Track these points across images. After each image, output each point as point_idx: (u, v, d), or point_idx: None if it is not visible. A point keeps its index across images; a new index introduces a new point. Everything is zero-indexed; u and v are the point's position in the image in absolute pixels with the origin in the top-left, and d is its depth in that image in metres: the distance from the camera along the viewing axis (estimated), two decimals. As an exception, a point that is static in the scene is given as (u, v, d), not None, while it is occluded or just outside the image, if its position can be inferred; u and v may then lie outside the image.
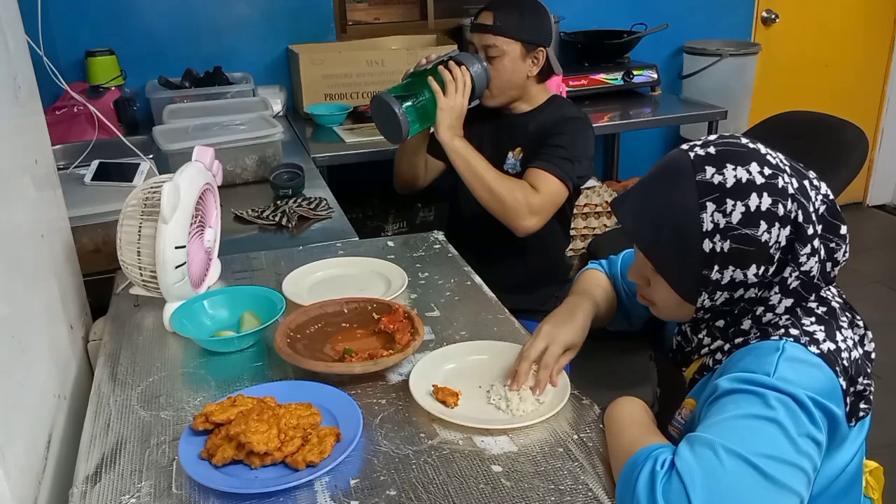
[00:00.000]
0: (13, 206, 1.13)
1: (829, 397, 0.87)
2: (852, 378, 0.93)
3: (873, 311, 3.30)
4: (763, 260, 0.91)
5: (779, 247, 0.91)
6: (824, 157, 2.30)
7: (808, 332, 0.92)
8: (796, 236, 0.91)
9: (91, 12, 2.78)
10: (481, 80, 1.80)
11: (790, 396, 0.84)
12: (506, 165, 1.89)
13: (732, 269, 0.92)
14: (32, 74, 1.38)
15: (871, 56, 4.04)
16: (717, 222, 0.90)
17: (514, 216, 1.73)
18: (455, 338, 1.29)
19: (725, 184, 0.90)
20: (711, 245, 0.91)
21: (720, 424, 0.84)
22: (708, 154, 0.93)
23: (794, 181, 0.92)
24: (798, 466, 0.82)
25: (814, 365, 0.89)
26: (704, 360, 1.01)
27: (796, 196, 0.91)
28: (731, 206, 0.90)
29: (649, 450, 0.87)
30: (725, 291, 0.94)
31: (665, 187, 0.95)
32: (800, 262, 0.91)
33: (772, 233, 0.90)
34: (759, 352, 0.91)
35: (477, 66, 1.79)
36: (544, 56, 1.85)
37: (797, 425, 0.83)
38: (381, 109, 1.77)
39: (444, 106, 1.75)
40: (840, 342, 0.93)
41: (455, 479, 0.95)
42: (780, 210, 0.90)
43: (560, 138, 1.79)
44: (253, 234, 1.82)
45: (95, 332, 1.42)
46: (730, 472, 0.79)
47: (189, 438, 1.00)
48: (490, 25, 1.81)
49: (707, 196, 0.91)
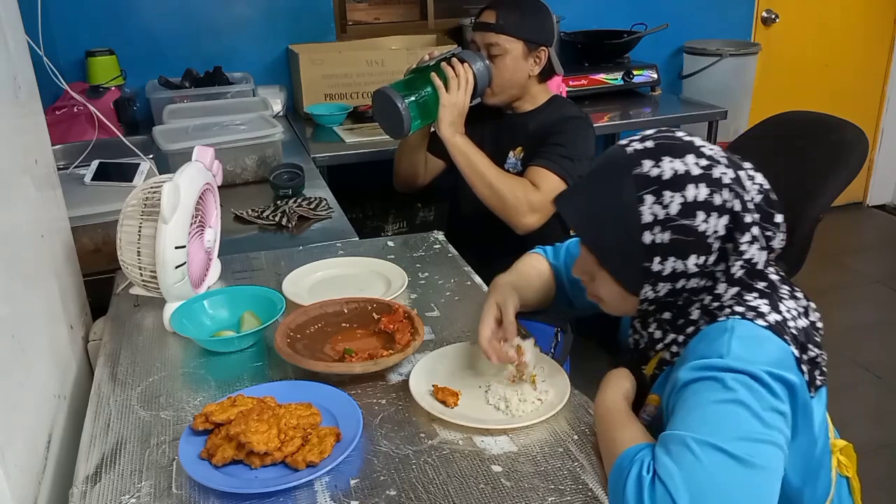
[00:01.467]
0: (13, 206, 1.13)
1: (785, 367, 0.89)
2: (803, 345, 0.95)
3: (873, 311, 3.33)
4: (702, 250, 0.93)
5: (717, 236, 0.93)
6: (824, 157, 2.30)
7: (753, 306, 0.94)
8: (734, 225, 0.93)
9: (91, 12, 2.78)
10: (483, 77, 1.81)
11: (747, 374, 0.85)
12: (507, 164, 1.89)
13: (673, 259, 0.94)
14: (32, 74, 1.38)
15: (871, 56, 4.04)
16: (656, 214, 0.92)
17: (515, 213, 1.74)
18: (455, 338, 1.29)
19: (663, 176, 0.93)
20: (652, 237, 0.93)
21: (687, 417, 0.85)
22: (645, 148, 0.95)
23: (729, 172, 0.95)
24: (770, 442, 0.82)
25: (764, 338, 0.91)
26: (662, 355, 1.03)
27: (732, 186, 0.94)
28: (669, 197, 0.92)
29: (633, 452, 0.87)
30: (668, 283, 0.96)
31: (605, 182, 0.97)
32: (741, 250, 0.94)
33: (709, 222, 0.92)
34: (710, 336, 0.93)
35: (479, 64, 1.80)
36: (546, 56, 1.85)
37: (760, 401, 0.84)
38: (383, 104, 1.77)
39: (446, 102, 1.76)
40: (784, 312, 0.95)
41: (455, 479, 0.95)
42: (717, 200, 0.92)
43: (560, 137, 1.79)
44: (253, 234, 1.82)
45: (95, 332, 1.42)
46: (706, 465, 0.79)
47: (189, 438, 1.00)
48: (492, 24, 1.81)
49: (645, 189, 0.93)
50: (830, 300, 3.39)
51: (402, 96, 1.74)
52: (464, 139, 1.79)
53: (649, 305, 1.00)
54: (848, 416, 2.49)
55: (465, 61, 1.79)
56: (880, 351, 2.96)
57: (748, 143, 2.63)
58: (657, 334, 1.04)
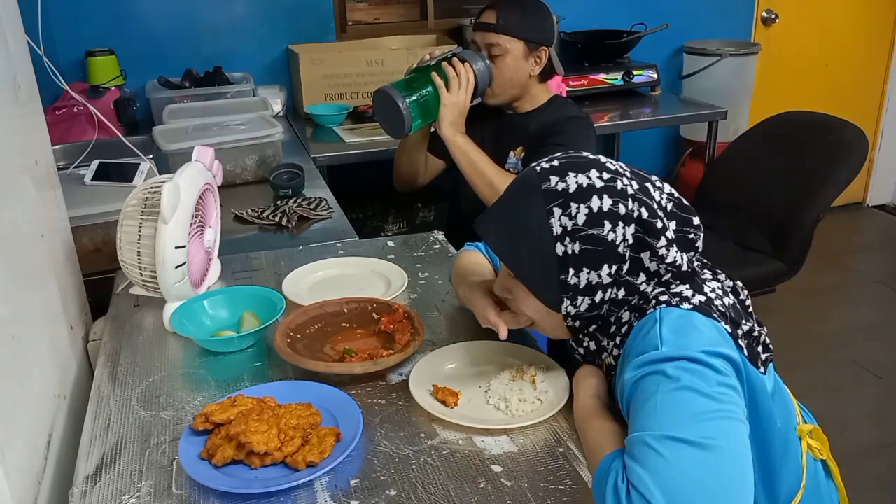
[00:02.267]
0: (13, 206, 1.13)
1: (720, 344, 0.90)
2: (734, 321, 0.96)
3: (873, 311, 3.33)
4: (614, 259, 0.96)
5: (627, 244, 0.96)
6: (824, 157, 2.30)
7: (676, 292, 0.96)
8: (644, 232, 0.96)
9: (91, 12, 2.78)
10: (484, 77, 1.81)
11: (685, 359, 0.86)
12: (507, 164, 1.89)
13: (587, 271, 0.96)
14: (32, 74, 1.38)
15: (871, 56, 4.04)
16: (564, 225, 0.96)
17: None
18: (455, 338, 1.29)
19: (568, 189, 0.97)
20: (563, 248, 0.96)
21: (640, 416, 0.85)
22: (552, 166, 1.00)
23: (633, 183, 0.98)
24: (726, 417, 0.82)
25: (693, 319, 0.92)
26: (607, 362, 1.04)
27: (637, 195, 0.97)
28: (576, 208, 0.96)
29: (609, 461, 0.87)
30: (585, 296, 0.98)
31: (517, 201, 1.02)
32: (660, 255, 0.96)
33: (617, 231, 0.95)
34: (642, 330, 0.94)
35: (480, 64, 1.80)
36: (547, 55, 1.85)
37: (705, 381, 0.85)
38: (383, 103, 1.77)
39: (447, 102, 1.76)
40: (709, 292, 0.97)
41: (455, 479, 0.95)
42: (622, 209, 0.95)
43: (561, 137, 1.80)
44: (253, 234, 1.82)
45: (95, 332, 1.42)
46: (672, 461, 0.79)
47: (189, 438, 1.00)
48: (493, 24, 1.81)
49: (553, 202, 0.97)
50: (830, 300, 3.40)
51: (403, 96, 1.74)
52: (465, 139, 1.79)
53: (573, 322, 1.02)
54: (848, 416, 2.50)
55: (465, 61, 1.79)
56: (880, 351, 2.96)
57: (748, 143, 2.64)
58: (592, 346, 1.06)
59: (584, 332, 1.06)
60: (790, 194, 2.29)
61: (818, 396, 2.25)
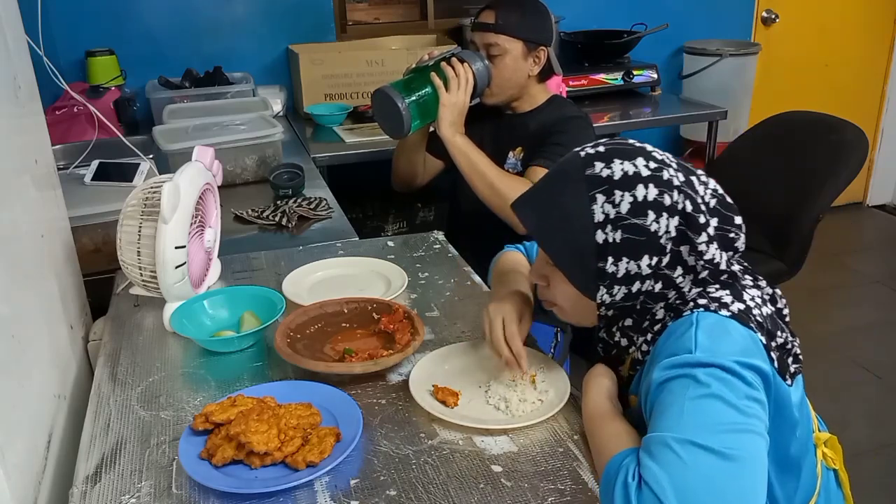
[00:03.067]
0: (13, 206, 1.13)
1: (753, 355, 0.89)
2: (770, 332, 0.95)
3: (873, 311, 3.33)
4: (655, 250, 0.94)
5: (669, 236, 0.94)
6: (824, 157, 2.30)
7: (716, 297, 0.95)
8: (686, 226, 0.94)
9: (91, 12, 2.78)
10: (483, 77, 1.81)
11: (717, 367, 0.85)
12: (506, 165, 1.89)
13: (626, 260, 0.95)
14: (32, 74, 1.38)
15: (871, 56, 4.04)
16: (607, 213, 0.94)
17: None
18: (455, 338, 1.29)
19: (613, 176, 0.95)
20: (604, 236, 0.94)
21: (665, 417, 0.85)
22: (597, 152, 0.98)
23: (679, 175, 0.96)
24: (750, 430, 0.82)
25: (729, 327, 0.91)
26: (634, 355, 1.03)
27: (682, 188, 0.95)
28: (620, 196, 0.94)
29: (620, 459, 0.87)
30: (622, 285, 0.96)
31: (558, 185, 1.00)
32: (700, 250, 0.95)
33: (660, 222, 0.94)
34: (676, 332, 0.93)
35: (479, 64, 1.80)
36: (545, 55, 1.85)
37: (734, 391, 0.84)
38: (382, 103, 1.77)
39: (446, 102, 1.76)
40: (748, 300, 0.96)
41: (455, 479, 0.95)
42: (667, 200, 0.94)
43: (561, 136, 1.80)
44: (253, 234, 1.82)
45: (95, 332, 1.42)
46: (690, 465, 0.79)
47: (189, 438, 1.00)
48: (492, 24, 1.81)
49: (596, 188, 0.95)
50: (830, 300, 3.40)
51: (403, 96, 1.74)
52: (464, 139, 1.79)
53: (607, 311, 1.01)
54: (848, 416, 2.49)
55: (464, 61, 1.79)
56: (880, 351, 2.96)
57: (748, 142, 2.63)
58: (623, 342, 1.05)
59: (616, 325, 1.04)
60: (790, 194, 2.29)
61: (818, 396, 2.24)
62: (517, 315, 1.14)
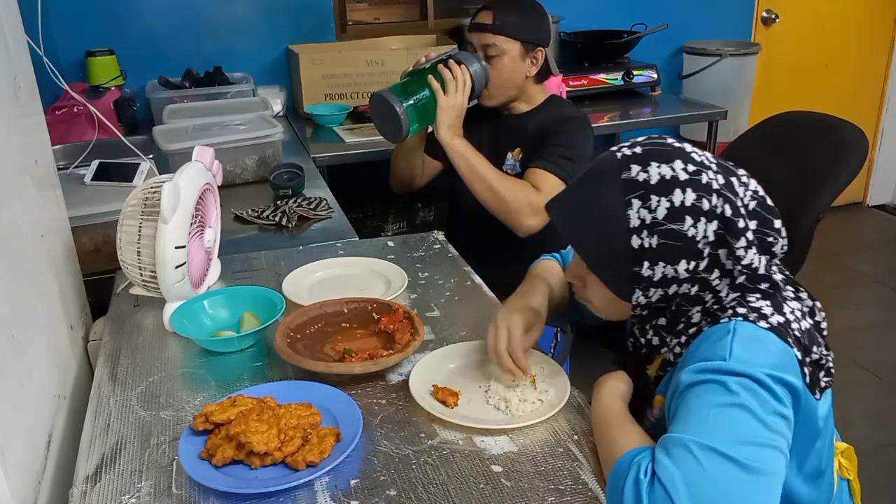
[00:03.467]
0: (13, 206, 1.13)
1: (787, 370, 0.88)
2: (806, 347, 0.94)
3: (873, 311, 3.33)
4: (692, 255, 0.93)
5: (707, 241, 0.93)
6: (824, 157, 2.30)
7: (756, 308, 0.94)
8: (726, 230, 0.92)
9: (91, 12, 2.78)
10: (480, 79, 1.80)
11: (749, 378, 0.85)
12: (505, 166, 1.89)
13: (663, 265, 0.93)
14: (32, 74, 1.38)
15: (871, 56, 4.04)
16: (643, 218, 0.92)
17: (516, 215, 1.73)
18: (455, 338, 1.29)
19: (650, 180, 0.93)
20: (640, 241, 0.93)
21: (689, 420, 0.85)
22: (634, 153, 0.95)
23: (719, 177, 0.94)
24: (772, 446, 0.82)
25: (766, 340, 0.90)
26: (665, 356, 1.02)
27: (722, 192, 0.93)
28: (656, 202, 0.92)
29: (631, 456, 0.87)
30: (658, 288, 0.95)
31: (593, 187, 0.98)
32: (738, 255, 0.93)
33: (698, 227, 0.92)
34: (712, 338, 0.92)
35: (476, 65, 1.79)
36: (543, 56, 1.85)
37: (762, 405, 0.84)
38: (380, 107, 1.77)
39: (444, 105, 1.75)
40: (788, 313, 0.95)
41: (455, 479, 0.95)
42: (706, 205, 0.92)
43: (559, 138, 1.79)
44: (253, 234, 1.82)
45: (95, 332, 1.42)
46: (708, 470, 0.79)
47: (189, 438, 1.00)
48: (489, 24, 1.80)
49: (632, 193, 0.93)
50: (830, 300, 3.38)
51: (400, 100, 1.73)
52: (463, 142, 1.78)
53: (642, 311, 1.00)
54: (848, 416, 2.49)
55: (461, 63, 1.79)
56: (880, 351, 2.96)
57: (748, 143, 2.63)
58: (655, 341, 1.04)
59: (651, 324, 1.03)
60: (790, 194, 2.28)
61: (818, 396, 2.24)
62: (524, 326, 1.13)
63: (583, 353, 1.15)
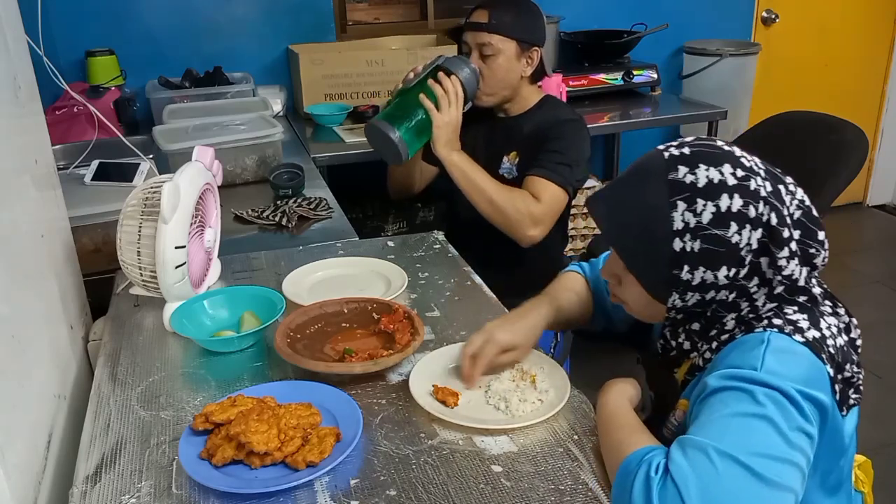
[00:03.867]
0: (13, 206, 1.13)
1: (817, 386, 0.87)
2: (839, 365, 0.92)
3: (873, 311, 3.33)
4: (734, 262, 0.91)
5: (750, 249, 0.91)
6: (824, 157, 2.30)
7: (792, 321, 0.92)
8: (769, 239, 0.91)
9: (91, 12, 2.78)
10: (472, 84, 1.77)
11: (778, 391, 0.84)
12: (501, 170, 1.87)
13: (703, 270, 0.92)
14: (32, 74, 1.38)
15: (871, 56, 4.04)
16: (687, 221, 0.91)
17: (518, 226, 1.72)
18: (455, 338, 1.29)
19: (697, 183, 0.91)
20: (682, 244, 0.91)
21: (711, 425, 0.84)
22: (682, 154, 0.94)
23: (767, 185, 0.92)
24: (791, 462, 0.81)
25: (800, 354, 0.89)
26: (694, 361, 1.01)
27: (769, 199, 0.91)
28: (702, 205, 0.90)
29: (641, 454, 0.87)
30: (696, 293, 0.94)
31: (638, 185, 0.96)
32: (779, 265, 0.91)
33: (742, 234, 0.90)
34: (744, 346, 0.91)
35: (466, 71, 1.76)
36: (539, 56, 1.84)
37: (787, 420, 0.83)
38: (376, 136, 1.74)
39: (439, 123, 1.72)
40: (824, 329, 0.93)
41: (455, 479, 0.95)
42: (752, 212, 0.90)
43: (556, 143, 1.77)
44: (253, 234, 1.82)
45: (95, 332, 1.42)
46: (723, 475, 0.79)
47: (189, 438, 1.00)
48: (485, 23, 1.79)
49: (678, 195, 0.91)
50: (830, 300, 3.39)
51: (394, 127, 1.70)
52: (461, 156, 1.76)
53: (676, 314, 0.99)
54: (848, 416, 2.50)
55: (451, 73, 1.74)
56: (880, 351, 2.95)
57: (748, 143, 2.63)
58: (686, 345, 1.02)
59: (683, 328, 1.02)
60: (790, 194, 2.29)
61: (818, 396, 2.25)
62: (504, 345, 1.13)
63: (583, 353, 1.15)
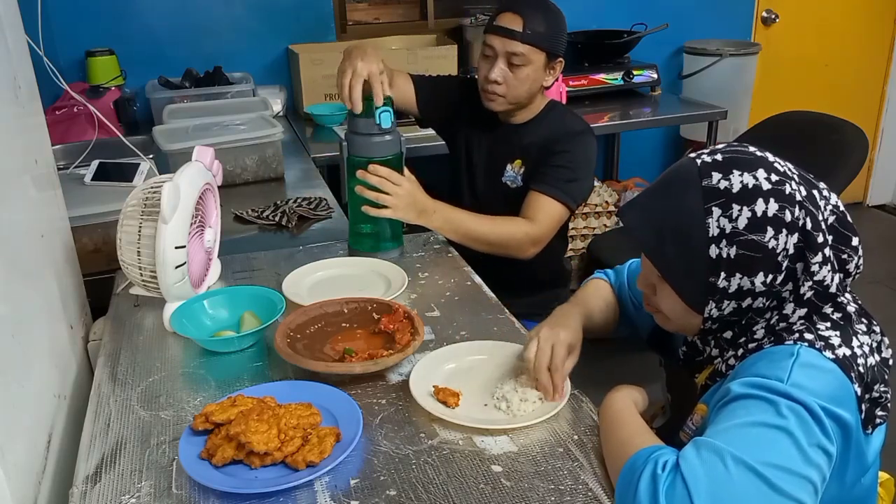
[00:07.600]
0: (13, 206, 1.13)
1: (843, 405, 0.86)
2: (868, 385, 0.91)
3: (873, 311, 3.30)
4: (770, 268, 0.90)
5: (786, 254, 0.90)
6: (824, 157, 2.30)
7: (824, 336, 0.91)
8: (805, 244, 0.90)
9: (91, 12, 2.78)
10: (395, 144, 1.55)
11: (802, 405, 0.83)
12: (505, 178, 1.83)
13: (739, 276, 0.91)
14: (32, 74, 1.38)
15: (871, 56, 4.04)
16: (723, 227, 0.90)
17: (518, 252, 1.68)
18: (455, 338, 1.29)
19: (731, 189, 0.90)
20: (718, 251, 0.91)
21: (729, 430, 0.83)
22: (715, 161, 0.93)
23: (801, 189, 0.92)
24: (806, 477, 0.81)
25: (828, 371, 0.88)
26: (717, 367, 1.00)
27: (804, 203, 0.91)
28: (738, 211, 0.90)
29: (648, 452, 0.86)
30: (733, 300, 0.93)
31: (672, 193, 0.95)
32: (812, 270, 0.90)
33: (779, 239, 0.90)
34: (773, 357, 0.90)
35: (387, 137, 1.54)
36: (561, 67, 1.78)
37: (808, 435, 0.82)
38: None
39: (399, 214, 1.55)
40: (856, 348, 0.92)
41: (455, 479, 0.95)
42: (788, 216, 0.89)
43: (564, 157, 1.73)
44: (253, 234, 1.82)
45: (95, 332, 1.42)
46: (736, 481, 0.78)
47: (189, 438, 1.00)
48: (519, 32, 1.68)
49: (713, 201, 0.91)
50: (830, 300, 3.39)
51: (370, 246, 1.60)
52: (440, 214, 1.61)
53: (713, 324, 0.97)
54: (848, 416, 2.49)
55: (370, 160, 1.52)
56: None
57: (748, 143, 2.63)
58: (714, 352, 1.01)
59: (714, 336, 1.01)
60: (790, 194, 2.29)
61: (818, 396, 2.24)
62: (568, 347, 1.12)
63: (583, 353, 1.14)
